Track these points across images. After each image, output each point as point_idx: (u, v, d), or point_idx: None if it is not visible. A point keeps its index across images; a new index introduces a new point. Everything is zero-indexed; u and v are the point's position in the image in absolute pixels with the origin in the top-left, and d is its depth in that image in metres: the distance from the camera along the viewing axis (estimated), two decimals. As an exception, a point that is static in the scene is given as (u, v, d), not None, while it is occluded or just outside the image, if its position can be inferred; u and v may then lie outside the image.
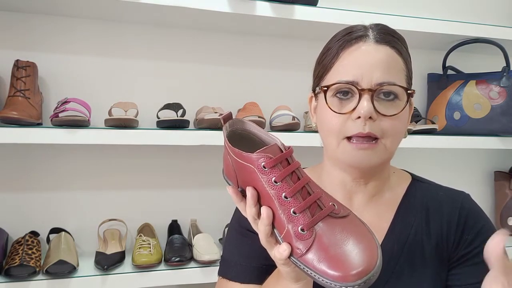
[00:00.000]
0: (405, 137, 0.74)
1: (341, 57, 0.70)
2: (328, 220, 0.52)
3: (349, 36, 0.70)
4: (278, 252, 0.53)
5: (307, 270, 0.51)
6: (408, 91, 0.69)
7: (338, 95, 0.69)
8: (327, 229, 0.52)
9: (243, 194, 0.59)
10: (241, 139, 0.61)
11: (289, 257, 0.53)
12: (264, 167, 0.54)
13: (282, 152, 0.55)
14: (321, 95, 0.71)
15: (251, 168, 0.55)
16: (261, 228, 0.55)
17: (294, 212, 0.52)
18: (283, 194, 0.53)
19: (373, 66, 0.67)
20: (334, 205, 0.54)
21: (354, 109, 0.67)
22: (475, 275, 0.70)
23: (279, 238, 0.54)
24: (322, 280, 0.49)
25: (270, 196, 0.54)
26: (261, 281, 0.74)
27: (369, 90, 0.66)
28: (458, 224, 0.73)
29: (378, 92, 0.67)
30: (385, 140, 0.68)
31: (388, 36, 0.70)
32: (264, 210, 0.54)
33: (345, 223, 0.53)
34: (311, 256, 0.50)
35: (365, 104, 0.65)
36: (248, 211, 0.56)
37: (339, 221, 0.53)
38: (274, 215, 0.54)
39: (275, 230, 0.55)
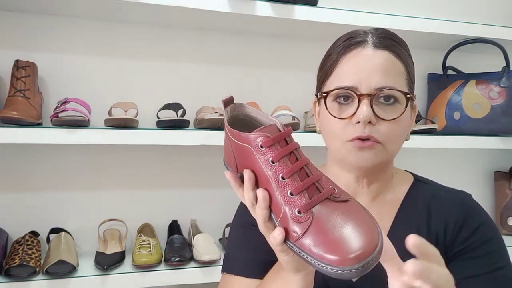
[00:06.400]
0: (407, 140, 0.76)
1: (341, 63, 0.71)
2: (327, 203, 0.50)
3: (349, 42, 0.72)
4: (273, 237, 0.52)
5: (303, 255, 0.49)
6: (407, 95, 0.70)
7: (338, 99, 0.71)
8: (325, 212, 0.49)
9: (243, 181, 0.57)
10: (243, 125, 0.59)
11: (285, 242, 0.51)
12: (261, 147, 0.52)
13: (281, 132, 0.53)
14: (322, 101, 0.73)
15: (248, 148, 0.53)
16: (258, 212, 0.54)
17: (291, 194, 0.50)
18: (280, 175, 0.51)
19: (372, 71, 0.68)
20: (334, 188, 0.52)
21: (354, 114, 0.68)
22: (462, 271, 0.70)
23: (276, 222, 0.53)
24: (318, 264, 0.47)
25: (267, 178, 0.52)
26: None
27: (368, 95, 0.68)
28: (456, 222, 0.74)
29: (377, 96, 0.68)
30: (385, 143, 0.69)
31: (387, 41, 0.71)
32: (260, 192, 0.52)
33: (345, 207, 0.50)
34: (307, 240, 0.48)
35: (364, 109, 0.67)
36: (246, 196, 0.55)
37: (339, 205, 0.50)
38: (271, 198, 0.52)
39: (272, 214, 0.53)
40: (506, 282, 0.70)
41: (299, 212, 0.50)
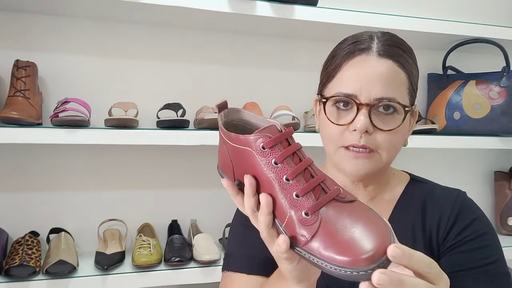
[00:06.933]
0: (405, 145, 0.76)
1: (343, 68, 0.71)
2: (334, 204, 0.48)
3: (354, 47, 0.71)
4: (277, 245, 0.49)
5: (312, 259, 0.47)
6: (406, 108, 0.69)
7: (337, 105, 0.71)
8: (333, 213, 0.47)
9: (240, 188, 0.55)
10: (237, 130, 0.57)
11: (292, 248, 0.49)
12: (263, 148, 0.50)
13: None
14: (321, 105, 0.73)
15: (249, 151, 0.51)
16: (261, 218, 0.51)
17: (296, 196, 0.48)
18: (284, 177, 0.49)
19: (373, 80, 0.68)
20: (339, 189, 0.50)
21: (352, 121, 0.68)
22: (454, 264, 0.71)
23: (280, 228, 0.50)
24: (330, 267, 0.45)
25: (270, 181, 0.50)
26: (268, 274, 0.71)
27: (367, 104, 0.67)
28: (449, 217, 0.74)
29: (376, 106, 0.68)
30: (381, 152, 0.70)
31: (392, 49, 0.70)
32: (263, 197, 0.50)
33: (352, 208, 0.48)
34: (316, 243, 0.46)
35: (361, 118, 0.67)
36: (247, 203, 0.52)
37: (346, 205, 0.49)
38: (274, 202, 0.50)
39: (276, 220, 0.51)
40: (498, 276, 0.70)
41: (306, 214, 0.47)
